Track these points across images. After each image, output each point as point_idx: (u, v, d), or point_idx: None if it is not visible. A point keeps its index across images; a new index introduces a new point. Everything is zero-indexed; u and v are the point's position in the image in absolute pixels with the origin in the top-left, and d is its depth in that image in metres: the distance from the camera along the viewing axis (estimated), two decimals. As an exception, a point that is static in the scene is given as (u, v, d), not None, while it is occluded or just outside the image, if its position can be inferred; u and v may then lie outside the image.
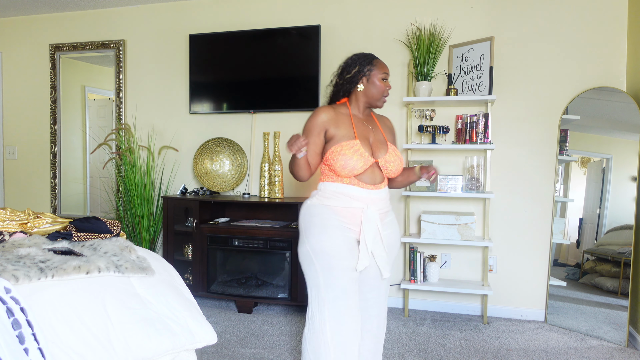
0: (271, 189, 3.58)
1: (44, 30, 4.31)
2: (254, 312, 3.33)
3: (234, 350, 2.65)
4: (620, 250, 2.90)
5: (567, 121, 3.18)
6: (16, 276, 1.36)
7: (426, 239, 3.16)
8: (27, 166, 4.41)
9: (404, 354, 2.61)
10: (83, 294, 1.45)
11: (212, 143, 3.82)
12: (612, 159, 3.07)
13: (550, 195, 3.22)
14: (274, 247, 3.29)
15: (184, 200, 3.58)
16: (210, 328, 1.69)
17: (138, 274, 1.65)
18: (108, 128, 4.19)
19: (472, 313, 3.35)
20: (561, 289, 3.16)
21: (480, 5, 3.32)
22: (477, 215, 3.31)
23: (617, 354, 2.64)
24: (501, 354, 2.64)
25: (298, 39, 3.57)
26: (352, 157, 1.80)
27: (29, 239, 1.74)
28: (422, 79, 3.22)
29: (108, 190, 4.22)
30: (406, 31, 3.42)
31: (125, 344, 1.42)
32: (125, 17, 4.10)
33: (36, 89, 4.34)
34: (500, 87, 3.26)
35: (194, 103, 3.83)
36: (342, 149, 1.81)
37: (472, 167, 3.19)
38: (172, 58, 3.98)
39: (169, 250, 3.57)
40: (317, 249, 1.79)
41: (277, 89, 3.65)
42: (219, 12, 3.86)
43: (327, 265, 1.78)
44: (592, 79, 3.12)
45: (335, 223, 1.80)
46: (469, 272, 3.36)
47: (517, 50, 3.25)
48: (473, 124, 3.15)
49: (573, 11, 3.16)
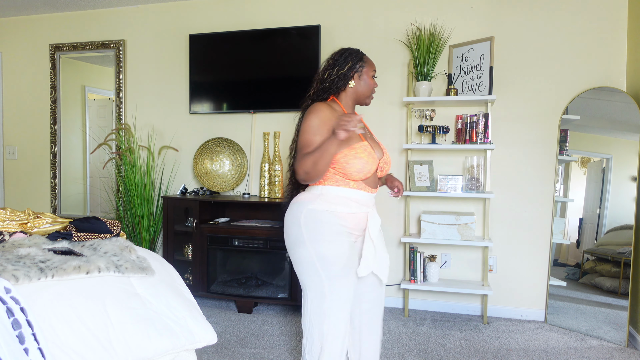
0: (271, 189, 3.58)
1: (44, 30, 4.31)
2: (254, 312, 3.33)
3: (234, 350, 2.65)
4: (620, 250, 2.90)
5: (567, 121, 3.18)
6: (16, 276, 1.36)
7: (426, 239, 3.16)
8: (27, 166, 4.42)
9: (404, 354, 2.61)
10: (83, 294, 1.45)
11: (212, 143, 3.82)
12: (612, 159, 3.07)
13: (550, 195, 3.22)
14: (274, 247, 3.29)
15: (184, 200, 3.58)
16: (210, 328, 1.69)
17: (138, 274, 1.65)
18: (108, 128, 4.19)
19: (472, 313, 3.35)
20: (561, 289, 3.16)
21: (480, 5, 3.32)
22: (477, 215, 3.31)
23: (617, 354, 2.64)
24: (501, 354, 2.64)
25: (298, 39, 3.57)
26: (368, 161, 1.73)
27: (29, 239, 1.74)
28: (422, 79, 3.22)
29: (108, 190, 4.22)
30: (406, 31, 3.42)
31: (125, 344, 1.42)
32: (125, 17, 4.09)
33: (36, 89, 4.34)
34: (500, 87, 3.26)
35: (194, 103, 3.83)
36: (357, 152, 1.72)
37: (472, 167, 3.19)
38: (172, 58, 3.98)
39: (169, 250, 3.57)
40: (326, 258, 1.71)
41: (277, 89, 3.65)
42: (219, 12, 3.86)
43: (335, 274, 1.71)
44: (592, 79, 3.12)
45: (342, 230, 1.75)
46: (469, 272, 3.36)
47: (517, 50, 3.25)
48: (473, 124, 3.14)
49: (573, 11, 3.16)
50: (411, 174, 3.28)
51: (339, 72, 1.82)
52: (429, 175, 3.26)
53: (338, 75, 1.82)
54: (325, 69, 1.86)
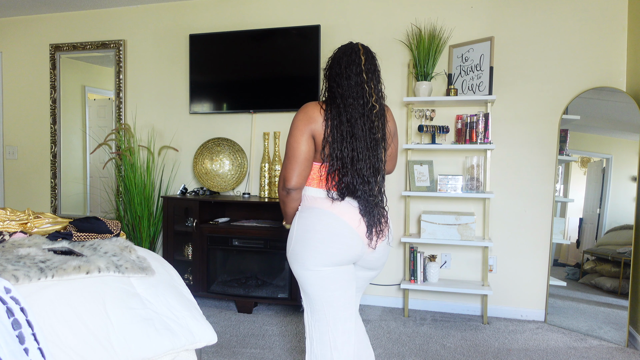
0: (271, 189, 3.58)
1: (44, 30, 4.31)
2: (254, 312, 3.33)
3: (234, 350, 2.65)
4: (620, 250, 2.90)
5: (567, 121, 3.18)
6: (16, 276, 1.36)
7: (426, 239, 3.16)
8: (27, 166, 4.42)
9: (404, 354, 2.61)
10: (83, 294, 1.45)
11: (212, 143, 3.82)
12: (612, 159, 3.07)
13: (550, 195, 3.22)
14: (274, 247, 3.29)
15: (184, 200, 3.58)
16: (210, 328, 1.69)
17: (138, 274, 1.65)
18: (108, 128, 4.19)
19: (472, 313, 3.35)
20: (561, 289, 3.16)
21: (480, 5, 3.32)
22: (477, 215, 3.31)
23: (617, 354, 2.64)
24: (501, 354, 2.64)
25: (298, 39, 3.57)
26: None
27: (29, 239, 1.74)
28: (422, 79, 3.22)
29: (108, 190, 4.22)
30: (406, 31, 3.42)
31: (125, 344, 1.42)
32: (125, 17, 4.10)
33: (36, 89, 4.34)
34: (500, 87, 3.26)
35: (194, 103, 3.83)
36: None
37: (472, 167, 3.19)
38: (172, 58, 3.98)
39: (169, 250, 3.57)
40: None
41: (277, 89, 3.65)
42: (219, 12, 3.86)
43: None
44: (592, 79, 3.12)
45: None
46: (468, 272, 3.36)
47: (517, 50, 3.25)
48: (473, 124, 3.14)
49: (573, 11, 3.16)
50: (411, 174, 3.28)
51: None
52: (429, 175, 3.26)
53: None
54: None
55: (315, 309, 1.71)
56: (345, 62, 1.65)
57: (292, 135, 1.63)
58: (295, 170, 1.62)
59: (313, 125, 1.62)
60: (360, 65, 1.64)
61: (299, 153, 1.62)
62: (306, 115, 1.64)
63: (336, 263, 1.66)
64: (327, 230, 1.63)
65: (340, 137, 1.60)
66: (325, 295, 1.67)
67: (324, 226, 1.63)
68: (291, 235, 1.72)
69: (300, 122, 1.63)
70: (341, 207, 1.64)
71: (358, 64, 1.64)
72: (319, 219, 1.64)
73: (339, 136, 1.60)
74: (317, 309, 1.70)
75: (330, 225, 1.63)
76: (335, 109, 1.62)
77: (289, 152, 1.64)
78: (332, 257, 1.64)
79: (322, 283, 1.66)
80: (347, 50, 1.68)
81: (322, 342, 1.70)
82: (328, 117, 1.62)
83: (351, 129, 1.60)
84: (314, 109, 1.65)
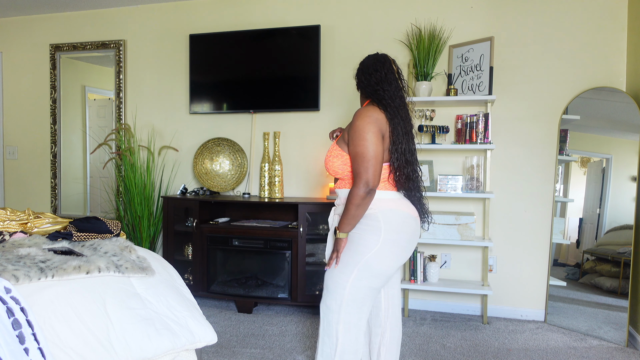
0: (271, 189, 3.58)
1: (44, 30, 4.31)
2: (254, 312, 3.33)
3: (234, 350, 2.65)
4: (620, 250, 2.90)
5: (567, 121, 3.18)
6: (16, 276, 1.36)
7: (426, 239, 3.16)
8: (27, 166, 4.42)
9: (404, 354, 2.61)
10: (83, 294, 1.45)
11: (212, 143, 3.82)
12: (612, 159, 3.07)
13: (550, 195, 3.22)
14: (274, 247, 3.29)
15: (184, 200, 3.58)
16: (210, 328, 1.69)
17: (138, 274, 1.65)
18: (108, 128, 4.19)
19: (472, 313, 3.36)
20: (561, 289, 3.16)
21: (480, 5, 3.32)
22: (477, 215, 3.31)
23: (617, 354, 2.64)
24: (501, 354, 2.64)
25: (298, 39, 3.57)
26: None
27: (29, 239, 1.75)
28: (422, 79, 3.22)
29: (108, 190, 4.23)
30: (406, 31, 3.42)
31: (125, 344, 1.42)
32: (125, 17, 4.10)
33: (36, 89, 4.34)
34: (500, 87, 3.26)
35: (194, 103, 3.83)
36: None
37: (472, 167, 3.19)
38: (172, 58, 3.98)
39: (169, 250, 3.57)
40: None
41: (277, 89, 3.65)
42: (219, 12, 3.86)
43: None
44: (592, 79, 3.12)
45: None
46: (468, 272, 3.36)
47: (517, 50, 3.25)
48: (473, 124, 3.15)
49: (573, 11, 3.16)
50: (411, 174, 3.27)
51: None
52: (429, 175, 3.26)
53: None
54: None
55: (357, 299, 1.81)
56: (385, 70, 1.86)
57: (365, 139, 1.73)
58: (376, 171, 1.73)
59: (383, 126, 1.77)
60: (395, 73, 1.88)
61: (377, 154, 1.73)
62: (374, 118, 1.77)
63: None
64: (410, 230, 1.83)
65: (401, 134, 1.79)
66: (379, 287, 1.86)
67: (407, 227, 1.82)
68: (367, 243, 1.79)
69: (371, 125, 1.74)
70: (403, 202, 1.85)
71: (393, 71, 1.88)
72: (403, 221, 1.81)
73: (401, 133, 1.79)
74: (359, 300, 1.81)
75: (409, 226, 1.82)
76: (390, 110, 1.79)
77: (366, 155, 1.72)
78: (410, 254, 1.87)
79: (385, 281, 1.85)
80: (379, 59, 1.90)
81: (349, 333, 1.82)
82: (389, 118, 1.78)
83: (404, 126, 1.81)
84: (378, 111, 1.79)
